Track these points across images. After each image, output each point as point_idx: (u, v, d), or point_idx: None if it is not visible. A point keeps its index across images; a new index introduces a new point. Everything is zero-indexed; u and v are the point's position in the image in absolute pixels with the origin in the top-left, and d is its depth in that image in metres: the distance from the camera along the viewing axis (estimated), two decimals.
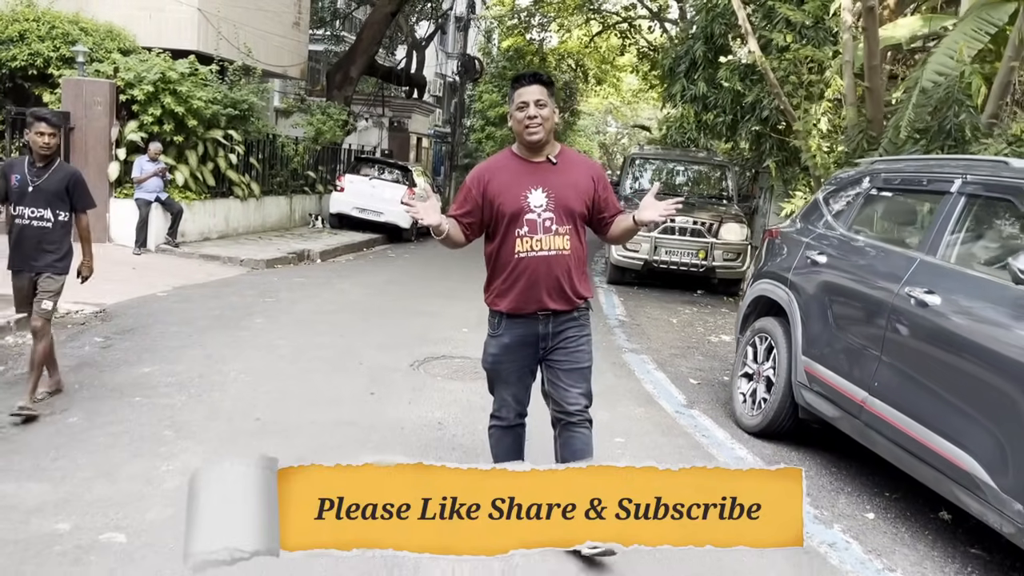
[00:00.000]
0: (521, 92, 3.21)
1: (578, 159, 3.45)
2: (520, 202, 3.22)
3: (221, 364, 5.96)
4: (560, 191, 3.24)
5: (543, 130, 3.20)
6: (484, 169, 3.37)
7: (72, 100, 11.44)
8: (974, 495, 3.28)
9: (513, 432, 3.52)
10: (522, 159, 3.31)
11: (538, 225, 3.21)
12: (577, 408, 3.36)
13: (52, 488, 3.66)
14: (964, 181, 3.94)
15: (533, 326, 3.29)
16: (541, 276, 3.22)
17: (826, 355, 4.43)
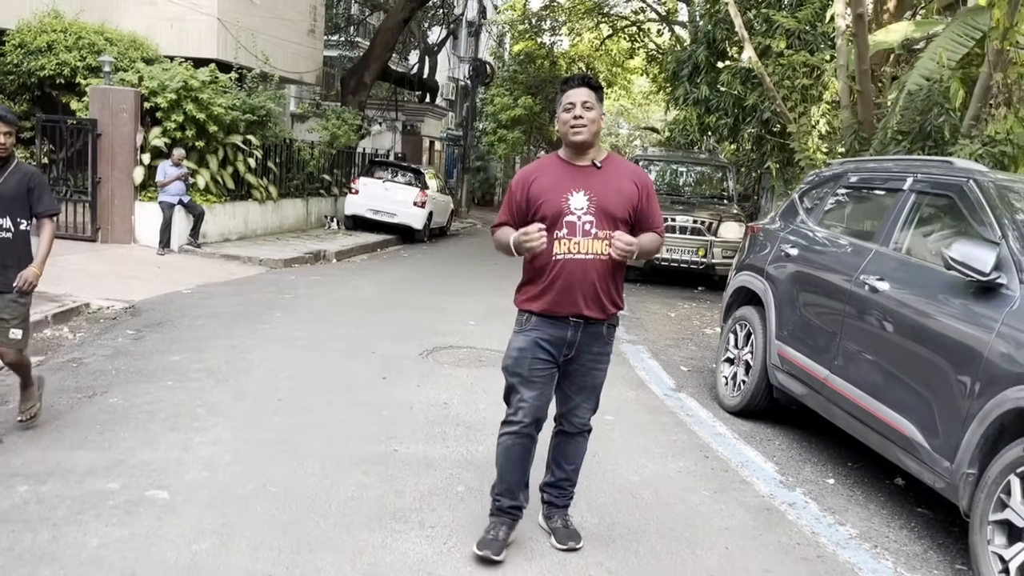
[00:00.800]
0: (569, 94, 3.19)
1: (624, 165, 3.38)
2: (561, 204, 3.17)
3: (245, 353, 6.44)
4: (602, 195, 3.19)
5: (588, 132, 3.16)
6: (529, 171, 3.35)
7: (99, 108, 11.97)
8: (913, 456, 3.72)
9: (524, 441, 3.33)
10: (566, 162, 3.27)
11: (577, 228, 3.16)
12: (582, 422, 3.44)
13: (101, 455, 4.14)
14: (915, 179, 4.37)
15: (563, 329, 3.23)
16: (577, 280, 3.16)
17: (795, 338, 4.87)
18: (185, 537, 3.31)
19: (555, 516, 3.53)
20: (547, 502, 3.58)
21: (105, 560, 3.09)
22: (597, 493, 4.05)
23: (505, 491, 3.38)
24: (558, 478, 3.52)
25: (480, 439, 4.72)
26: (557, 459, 3.51)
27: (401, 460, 4.32)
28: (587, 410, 3.43)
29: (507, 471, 3.37)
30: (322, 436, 4.63)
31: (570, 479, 3.53)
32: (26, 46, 13.10)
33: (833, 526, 3.87)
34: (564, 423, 3.46)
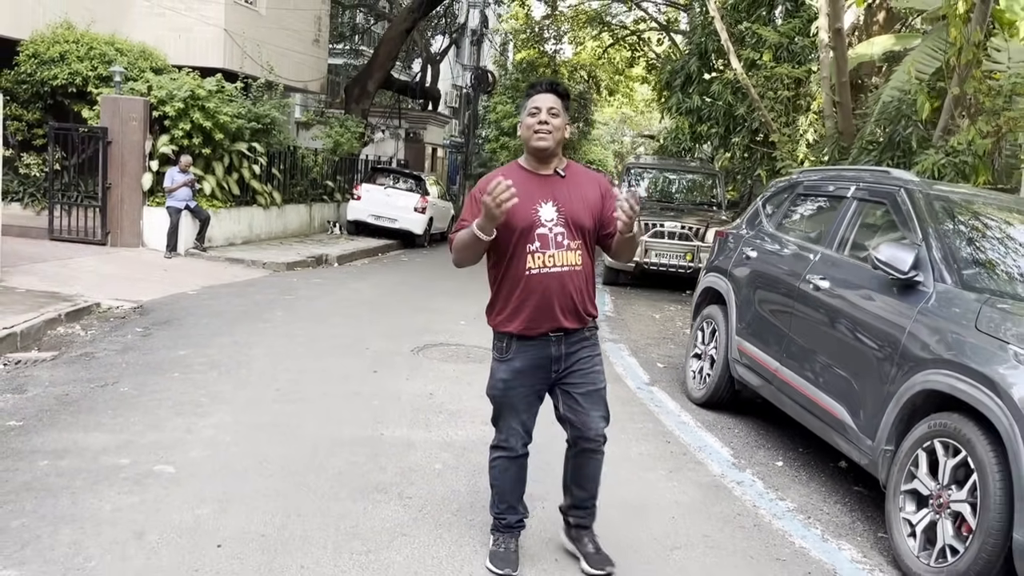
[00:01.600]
0: (535, 99, 3.11)
1: (585, 173, 3.32)
2: (531, 216, 3.07)
3: (246, 348, 6.86)
4: (570, 205, 3.12)
5: (552, 139, 3.08)
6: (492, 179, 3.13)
7: (110, 116, 12.43)
8: (844, 437, 4.12)
9: (519, 462, 3.33)
10: (530, 172, 3.17)
11: (550, 240, 3.07)
12: (597, 432, 3.28)
13: (113, 436, 4.56)
14: (857, 188, 4.79)
15: (545, 348, 3.16)
16: (554, 293, 3.08)
17: (752, 334, 5.28)
18: (188, 504, 3.72)
19: (584, 538, 3.42)
20: (574, 525, 3.47)
21: (118, 521, 3.50)
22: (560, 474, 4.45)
23: (507, 509, 3.37)
24: (580, 499, 3.42)
25: (461, 425, 5.13)
26: (578, 481, 3.40)
27: (386, 442, 4.73)
28: (599, 418, 3.27)
29: (506, 492, 3.36)
30: (315, 421, 5.04)
31: (592, 496, 3.43)
32: (39, 56, 13.53)
33: (774, 501, 4.27)
34: (580, 441, 3.30)
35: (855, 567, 3.60)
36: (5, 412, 4.88)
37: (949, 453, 3.37)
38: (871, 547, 3.84)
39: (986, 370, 3.24)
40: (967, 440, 3.25)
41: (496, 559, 3.30)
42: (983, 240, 4.21)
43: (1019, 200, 4.72)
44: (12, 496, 3.67)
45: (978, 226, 4.28)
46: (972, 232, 4.22)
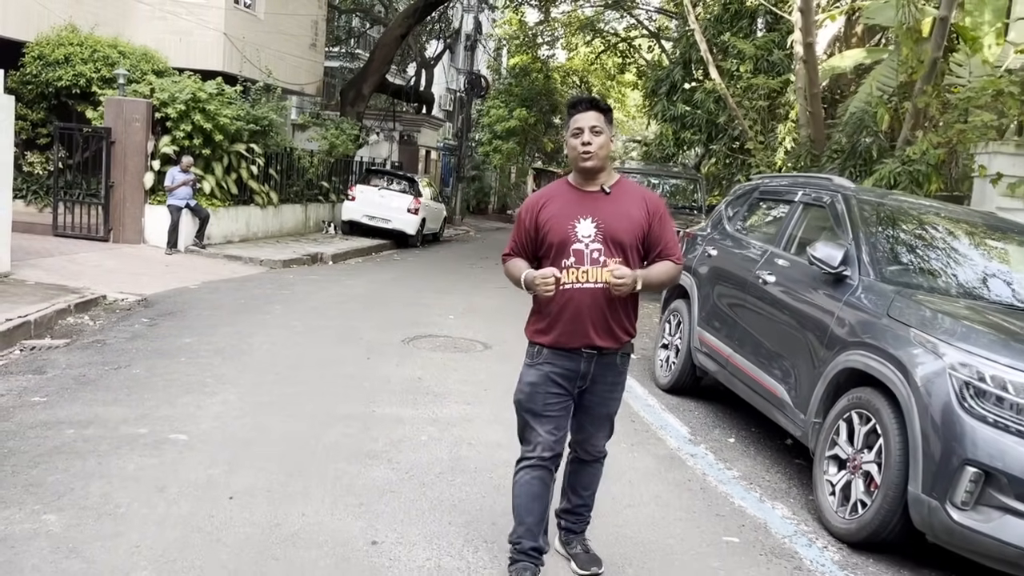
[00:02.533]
0: (577, 118, 3.10)
1: (635, 190, 3.25)
2: (567, 231, 3.07)
3: (248, 337, 7.36)
4: (610, 222, 3.07)
5: (597, 158, 3.07)
6: (537, 198, 3.25)
7: (113, 117, 12.91)
8: (783, 413, 4.65)
9: (542, 475, 3.21)
10: (575, 188, 3.18)
11: (585, 256, 3.05)
12: (598, 451, 3.37)
13: (130, 410, 5.05)
14: (803, 193, 5.32)
15: (576, 362, 3.13)
16: (586, 309, 3.06)
17: (711, 324, 5.81)
18: (202, 464, 4.22)
19: (574, 542, 3.48)
20: (564, 528, 3.52)
21: (141, 478, 4.00)
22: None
23: (524, 533, 3.22)
24: (575, 504, 3.47)
25: (445, 404, 5.65)
26: (573, 486, 3.46)
27: (377, 418, 5.24)
28: (602, 438, 3.35)
29: (525, 510, 3.21)
30: (313, 400, 5.55)
31: (587, 504, 3.47)
32: (45, 58, 13.98)
33: (722, 470, 4.80)
34: (579, 451, 3.38)
35: (784, 522, 4.13)
36: (29, 390, 5.37)
37: (863, 422, 3.90)
38: (801, 507, 4.37)
39: (893, 350, 3.77)
40: (876, 410, 3.78)
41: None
42: (904, 240, 4.75)
43: (939, 206, 5.25)
44: (45, 458, 4.17)
45: (901, 228, 4.82)
46: (895, 233, 4.76)
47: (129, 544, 3.32)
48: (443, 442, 4.85)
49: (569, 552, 3.49)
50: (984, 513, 3.30)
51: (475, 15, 30.34)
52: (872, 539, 3.71)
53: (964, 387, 3.43)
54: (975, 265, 4.65)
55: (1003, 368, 3.39)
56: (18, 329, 6.95)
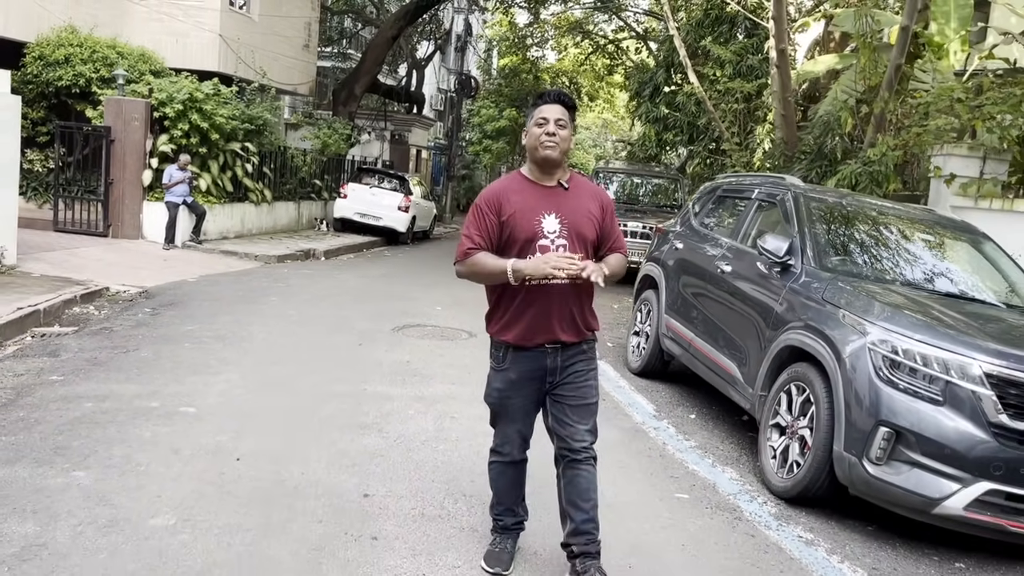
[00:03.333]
0: (543, 109, 3.12)
1: (588, 186, 3.32)
2: (534, 227, 3.08)
3: (247, 325, 7.82)
4: (573, 217, 3.12)
5: (558, 149, 3.08)
6: (497, 191, 3.20)
7: (113, 116, 13.32)
8: (735, 388, 5.16)
9: (515, 467, 3.36)
10: (534, 183, 3.18)
11: (551, 252, 3.05)
12: (583, 445, 3.21)
13: (142, 387, 5.51)
14: (759, 191, 5.82)
15: (541, 359, 3.15)
16: (553, 305, 3.08)
17: (676, 311, 6.31)
18: (210, 432, 4.69)
19: (590, 569, 3.18)
20: (578, 555, 3.22)
21: (157, 443, 4.46)
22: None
23: (505, 511, 3.43)
24: (580, 522, 3.20)
25: (431, 384, 6.13)
26: (572, 500, 3.21)
27: (369, 395, 5.72)
28: (586, 432, 3.21)
29: (504, 493, 3.40)
30: (309, 380, 6.02)
31: (593, 520, 3.21)
32: (45, 58, 14.38)
33: (681, 441, 5.31)
34: (566, 452, 3.22)
35: (731, 483, 4.64)
36: (46, 370, 5.82)
37: (799, 392, 4.40)
38: (748, 472, 4.88)
39: (825, 329, 4.27)
40: (810, 381, 4.28)
41: (490, 558, 3.36)
42: (844, 233, 5.26)
43: (879, 203, 5.77)
44: (68, 426, 4.63)
45: (842, 223, 5.34)
46: (836, 227, 5.27)
47: (151, 494, 3.79)
48: (428, 415, 5.33)
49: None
50: (894, 467, 3.80)
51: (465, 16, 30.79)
52: (805, 494, 4.22)
53: (882, 360, 3.94)
54: (907, 256, 5.17)
55: (915, 343, 3.89)
56: (29, 317, 7.38)
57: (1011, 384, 3.70)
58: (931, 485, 3.70)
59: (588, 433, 3.25)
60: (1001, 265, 5.31)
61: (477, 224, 3.16)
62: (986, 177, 8.19)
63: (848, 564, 3.78)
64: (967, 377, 3.73)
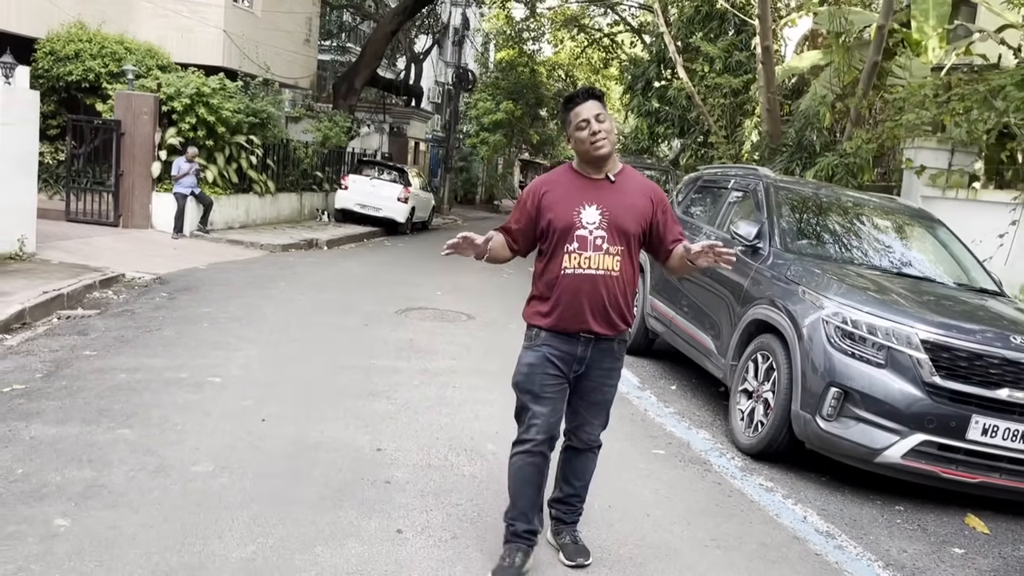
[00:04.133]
0: (579, 111, 3.13)
1: (638, 179, 3.31)
2: (572, 217, 3.10)
3: (259, 308, 8.33)
4: (615, 210, 3.11)
5: (609, 144, 3.11)
6: (542, 182, 3.28)
7: (123, 110, 13.78)
8: (710, 360, 5.69)
9: (536, 460, 3.24)
10: (580, 175, 3.20)
11: (588, 242, 3.08)
12: (591, 439, 3.35)
13: (169, 361, 6.02)
14: (735, 181, 6.34)
15: (573, 345, 3.17)
16: (586, 295, 3.09)
17: (660, 293, 6.84)
18: (236, 398, 5.21)
19: (564, 532, 3.47)
20: (555, 518, 3.52)
21: (189, 406, 4.98)
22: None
23: (519, 515, 3.30)
24: (567, 494, 3.47)
25: (434, 359, 6.65)
26: (566, 475, 3.46)
27: (377, 368, 6.24)
28: (597, 426, 3.34)
29: (520, 494, 3.28)
30: (322, 355, 6.54)
31: (579, 495, 3.47)
32: (55, 53, 14.83)
33: (660, 407, 5.85)
34: (573, 439, 3.37)
35: (704, 441, 5.18)
36: (79, 347, 6.33)
37: (764, 360, 4.93)
38: (720, 433, 5.42)
39: (787, 304, 4.80)
40: (773, 351, 4.81)
41: (499, 571, 3.24)
42: (809, 219, 5.79)
43: (843, 192, 6.29)
44: (107, 393, 5.14)
45: (808, 210, 5.87)
46: (802, 213, 5.80)
47: (190, 447, 4.31)
48: (432, 385, 5.85)
49: (558, 542, 3.48)
50: (843, 423, 4.34)
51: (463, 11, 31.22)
52: (768, 450, 4.75)
53: (834, 330, 4.46)
54: (866, 239, 5.70)
55: (864, 315, 4.42)
56: (54, 300, 7.87)
57: (944, 349, 4.23)
58: (874, 437, 4.24)
59: (599, 427, 3.37)
60: (953, 248, 5.84)
61: (517, 210, 3.30)
62: (954, 169, 8.71)
63: (800, 506, 4.31)
64: (907, 343, 4.26)
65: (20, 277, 8.60)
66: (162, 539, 3.28)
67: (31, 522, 3.34)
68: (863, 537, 4.01)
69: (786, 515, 4.17)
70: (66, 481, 3.77)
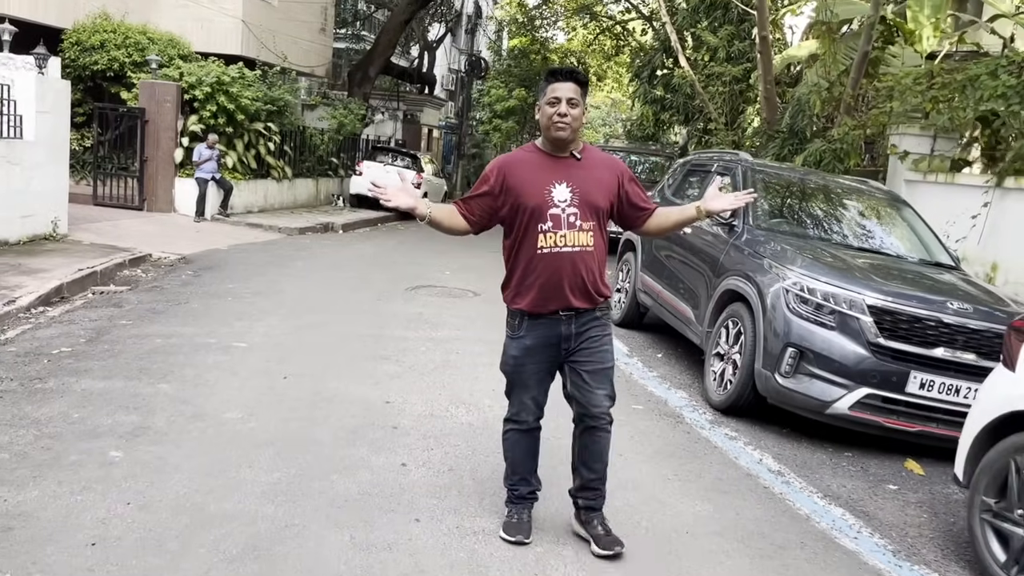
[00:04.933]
0: (555, 87, 3.14)
1: (602, 157, 3.39)
2: (544, 196, 3.13)
3: (278, 284, 8.93)
4: (585, 186, 3.16)
5: (570, 129, 3.14)
6: (507, 160, 3.31)
7: (147, 99, 14.39)
8: (690, 329, 6.23)
9: (530, 435, 3.41)
10: (546, 154, 3.24)
11: (562, 220, 3.13)
12: (602, 410, 3.33)
13: (199, 328, 6.61)
14: (718, 164, 6.86)
15: (555, 327, 3.22)
16: (565, 273, 3.14)
17: (649, 269, 7.38)
18: (260, 360, 5.80)
19: (593, 520, 3.43)
20: (583, 507, 3.47)
21: (219, 366, 5.57)
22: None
23: (519, 481, 3.46)
24: (589, 480, 3.43)
25: (440, 330, 7.23)
26: (585, 461, 3.41)
27: (387, 336, 6.82)
28: (604, 396, 3.34)
29: (518, 463, 3.45)
30: (337, 325, 7.14)
31: (601, 478, 3.44)
32: (82, 44, 15.46)
33: (645, 371, 6.41)
34: (585, 418, 3.35)
35: (680, 399, 5.75)
36: (115, 317, 6.94)
37: (734, 326, 5.46)
38: (696, 394, 5.96)
39: (753, 275, 5.33)
40: (741, 317, 5.34)
41: (509, 528, 3.38)
42: (781, 199, 6.30)
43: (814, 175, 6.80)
44: (145, 355, 5.74)
45: (781, 190, 6.38)
46: (776, 194, 6.31)
47: (221, 399, 4.90)
48: (437, 351, 6.42)
49: (589, 532, 3.42)
50: (798, 379, 4.88)
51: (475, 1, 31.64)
52: (735, 405, 5.30)
53: (793, 298, 4.99)
54: (834, 218, 6.21)
55: (820, 283, 4.95)
56: (88, 277, 8.49)
57: (888, 313, 4.75)
58: (825, 391, 4.78)
59: (606, 398, 3.35)
60: (916, 227, 6.34)
61: (477, 183, 3.36)
62: (936, 154, 9.17)
63: (758, 451, 4.86)
64: (855, 308, 4.78)
65: (56, 256, 9.22)
66: (201, 467, 3.87)
67: (89, 454, 3.94)
68: (809, 475, 4.56)
69: (744, 458, 4.73)
70: (116, 424, 4.36)
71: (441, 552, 3.27)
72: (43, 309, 7.12)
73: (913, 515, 4.24)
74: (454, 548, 3.31)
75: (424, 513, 3.58)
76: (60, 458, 3.85)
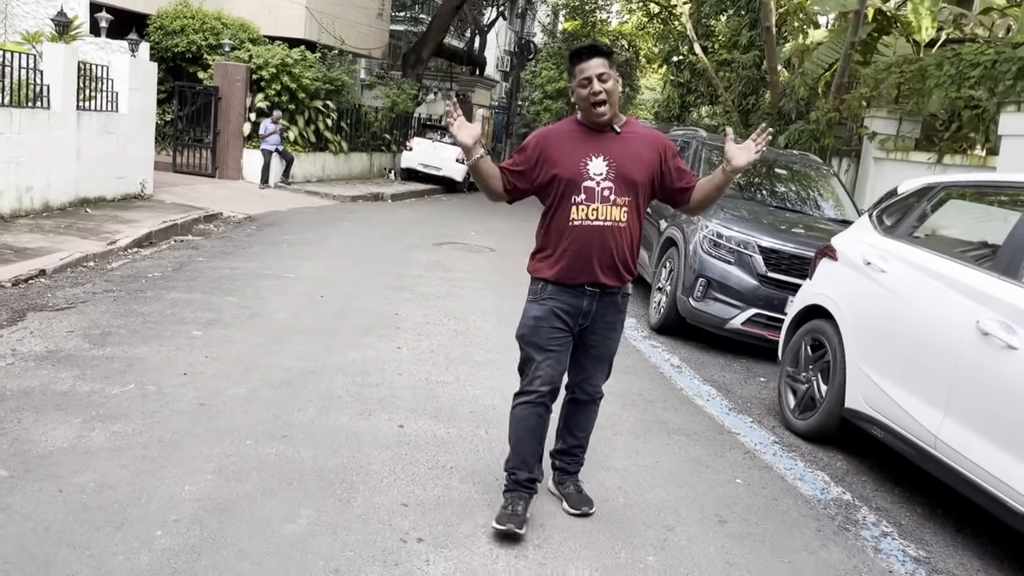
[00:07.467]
0: (583, 67, 3.10)
1: (644, 130, 3.30)
2: (579, 168, 3.09)
3: (327, 238, 10.64)
4: (622, 161, 3.11)
5: (608, 105, 3.09)
6: (546, 131, 3.29)
7: (220, 78, 16.23)
8: (645, 271, 7.69)
9: (539, 411, 3.29)
10: (586, 127, 3.20)
11: (596, 193, 3.08)
12: (595, 390, 3.41)
13: (257, 265, 8.32)
14: (682, 140, 8.27)
15: (578, 299, 3.18)
16: (595, 247, 3.10)
17: None
18: (304, 285, 7.48)
19: (567, 482, 3.55)
20: (559, 468, 3.59)
21: (272, 288, 7.26)
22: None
23: (520, 464, 3.33)
24: (570, 445, 3.53)
25: (451, 272, 8.85)
26: (569, 427, 3.50)
27: (407, 275, 8.46)
28: (600, 378, 3.40)
29: (521, 443, 3.32)
30: (368, 265, 8.81)
31: (581, 445, 3.53)
32: (164, 28, 17.38)
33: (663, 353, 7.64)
34: (577, 391, 3.42)
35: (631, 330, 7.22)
36: (193, 256, 8.70)
37: (669, 265, 6.91)
38: (643, 321, 7.42)
39: (684, 227, 6.77)
40: (673, 257, 6.79)
41: (503, 518, 3.24)
42: None
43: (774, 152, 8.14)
44: (216, 280, 7.45)
45: None
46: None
47: (272, 307, 6.58)
48: (444, 285, 8.01)
49: (561, 492, 3.55)
50: (706, 302, 6.34)
51: None
52: (664, 325, 6.81)
53: (708, 242, 6.43)
54: (769, 184, 7.59)
55: (728, 230, 6.39)
56: (171, 228, 10.28)
57: (773, 252, 6.17)
58: (724, 311, 6.24)
59: (602, 379, 3.42)
60: (837, 192, 7.68)
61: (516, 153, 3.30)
62: (900, 135, 10.38)
63: (668, 354, 6.38)
64: (750, 248, 6.22)
65: (144, 211, 11.07)
66: (258, 343, 5.54)
67: (178, 332, 5.63)
68: (700, 369, 6.05)
69: (655, 357, 6.24)
70: (197, 317, 6.06)
71: (412, 390, 4.88)
72: (136, 250, 8.92)
73: (764, 394, 5.69)
74: (421, 387, 4.93)
75: (406, 371, 5.21)
76: (160, 334, 5.56)
